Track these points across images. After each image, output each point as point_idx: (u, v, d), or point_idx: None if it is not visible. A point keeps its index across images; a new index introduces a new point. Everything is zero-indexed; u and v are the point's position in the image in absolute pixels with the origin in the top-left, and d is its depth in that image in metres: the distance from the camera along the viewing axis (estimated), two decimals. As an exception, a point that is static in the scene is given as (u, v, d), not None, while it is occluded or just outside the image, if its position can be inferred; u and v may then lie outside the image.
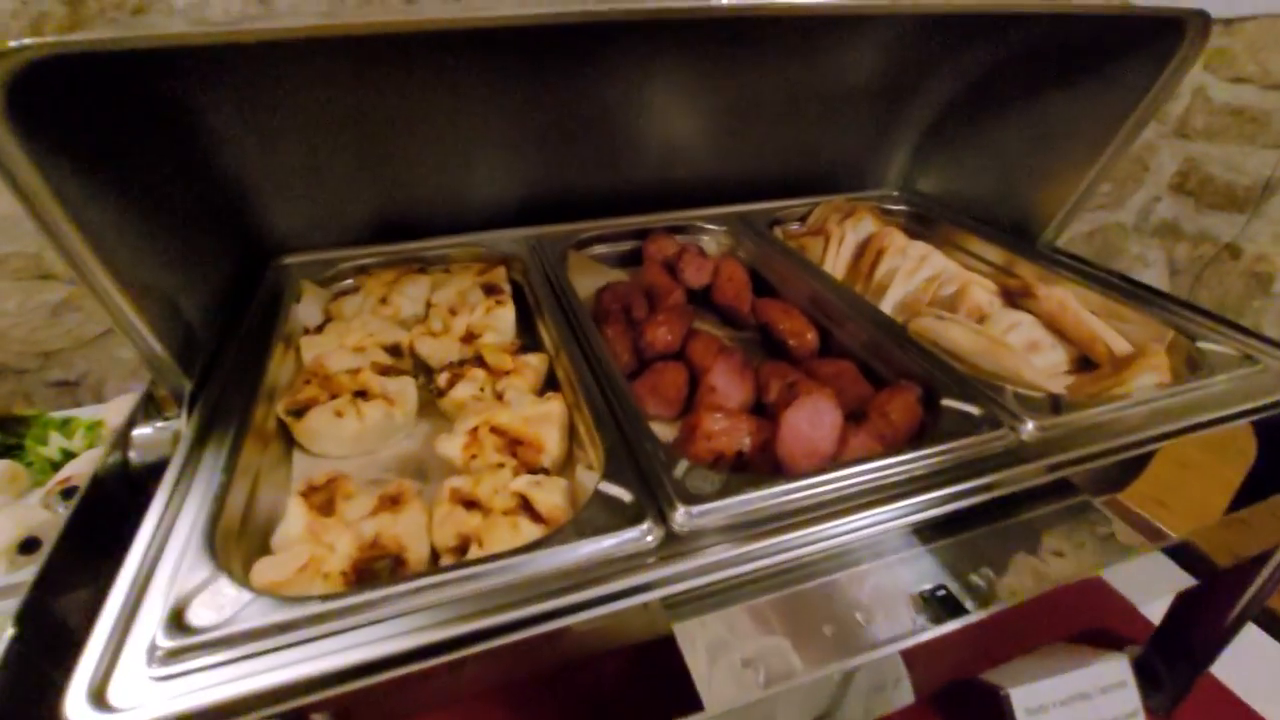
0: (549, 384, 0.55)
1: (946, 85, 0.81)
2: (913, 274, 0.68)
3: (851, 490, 0.39)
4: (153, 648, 0.29)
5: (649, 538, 0.36)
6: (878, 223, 0.76)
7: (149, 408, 0.50)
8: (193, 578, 0.32)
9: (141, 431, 0.46)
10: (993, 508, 0.41)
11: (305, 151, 0.66)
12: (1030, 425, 0.44)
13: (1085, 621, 0.77)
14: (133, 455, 0.46)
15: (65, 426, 0.98)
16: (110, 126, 0.46)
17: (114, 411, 1.02)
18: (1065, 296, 0.59)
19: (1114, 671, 0.65)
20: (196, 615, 0.30)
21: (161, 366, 0.47)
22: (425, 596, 0.32)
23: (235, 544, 0.37)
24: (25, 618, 0.33)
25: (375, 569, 0.36)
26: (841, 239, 0.72)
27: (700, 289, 0.69)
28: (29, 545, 0.82)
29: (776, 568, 0.36)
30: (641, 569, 0.34)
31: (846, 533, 0.37)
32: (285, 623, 0.30)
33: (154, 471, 0.45)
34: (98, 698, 0.28)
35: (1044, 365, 0.54)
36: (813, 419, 0.44)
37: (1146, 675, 0.68)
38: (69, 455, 0.93)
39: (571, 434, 0.48)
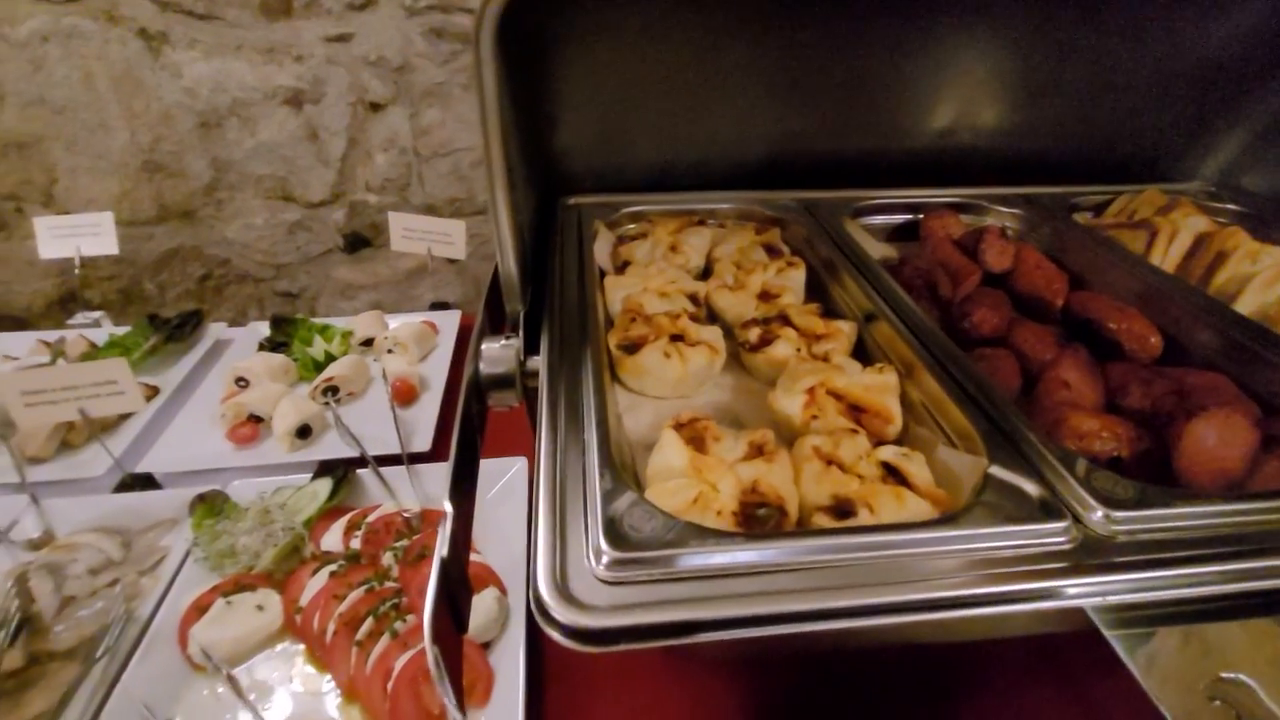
0: (857, 352, 0.53)
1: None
2: (1272, 284, 0.58)
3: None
4: (599, 552, 0.31)
5: (1064, 537, 0.33)
6: (1210, 221, 0.66)
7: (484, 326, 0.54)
8: (612, 495, 0.34)
9: (490, 346, 0.50)
10: None
11: (606, 101, 0.67)
12: None
13: None
14: (482, 366, 0.49)
15: (325, 332, 1.09)
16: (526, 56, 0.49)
17: (361, 325, 1.13)
18: None
19: None
20: (631, 531, 0.31)
21: (511, 286, 0.50)
22: (844, 555, 0.31)
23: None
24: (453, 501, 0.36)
25: (758, 515, 0.36)
26: (1173, 234, 0.63)
27: (1000, 273, 0.63)
28: (303, 431, 0.94)
29: (1219, 594, 0.32)
30: (1063, 572, 0.31)
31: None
32: (713, 556, 0.30)
33: (497, 382, 0.49)
34: (562, 590, 0.29)
35: None
36: (1225, 435, 0.38)
37: None
38: (330, 357, 1.05)
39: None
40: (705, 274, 0.64)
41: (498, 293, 0.53)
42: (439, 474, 0.84)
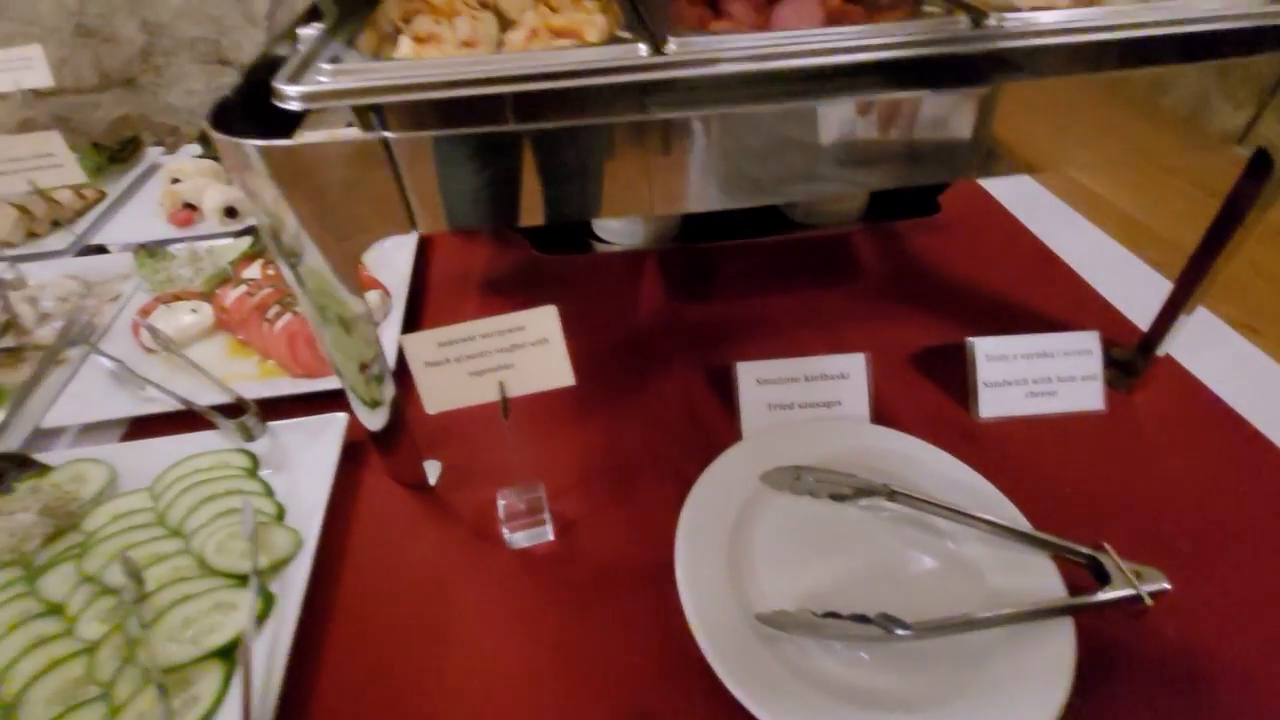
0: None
1: None
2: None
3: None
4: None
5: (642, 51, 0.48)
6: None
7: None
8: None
9: (305, 29, 0.64)
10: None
11: None
12: (994, 19, 0.50)
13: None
14: (299, 48, 0.64)
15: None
16: None
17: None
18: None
19: (1082, 340, 0.73)
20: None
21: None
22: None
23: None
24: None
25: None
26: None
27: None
28: (230, 212, 1.10)
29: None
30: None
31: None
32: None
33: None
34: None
35: None
36: (799, 12, 0.53)
37: (1113, 361, 0.75)
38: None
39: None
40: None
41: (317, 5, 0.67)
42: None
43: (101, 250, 1.04)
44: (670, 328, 0.86)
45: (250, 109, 0.50)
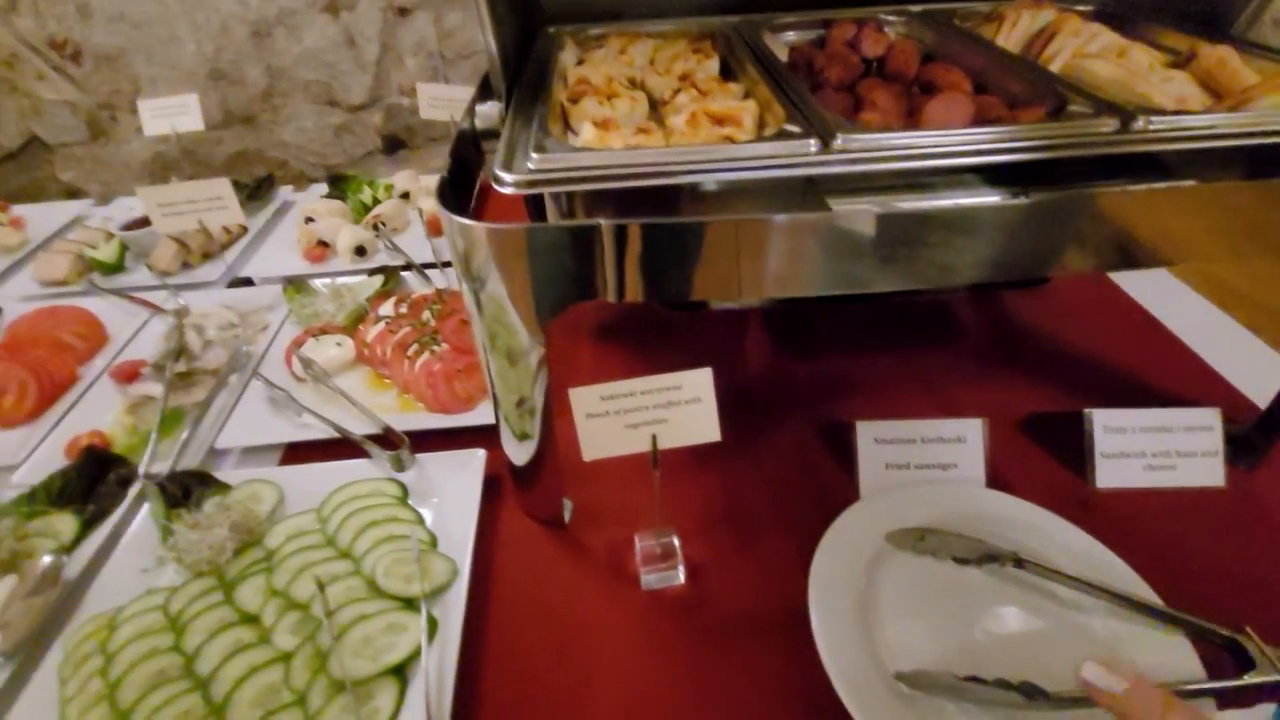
0: (743, 107, 0.73)
1: None
2: (1080, 49, 0.74)
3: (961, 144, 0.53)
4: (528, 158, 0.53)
5: (813, 147, 0.53)
6: (1059, 13, 0.81)
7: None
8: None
9: (481, 106, 0.72)
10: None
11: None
12: (1142, 121, 0.54)
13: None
14: (477, 122, 0.72)
15: (371, 184, 1.34)
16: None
17: (400, 180, 1.37)
18: (1228, 53, 0.64)
19: (1203, 416, 0.74)
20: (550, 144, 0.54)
21: (494, 67, 0.71)
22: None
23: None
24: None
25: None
26: (1016, 21, 0.80)
27: (874, 59, 0.81)
28: (360, 251, 1.19)
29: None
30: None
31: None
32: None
33: (486, 134, 0.71)
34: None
35: (1179, 93, 0.61)
36: (950, 109, 0.57)
37: (1231, 438, 0.75)
38: (376, 201, 1.30)
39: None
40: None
41: (488, 83, 0.75)
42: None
43: (248, 282, 1.14)
44: (779, 383, 0.90)
45: (459, 185, 0.58)
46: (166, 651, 0.58)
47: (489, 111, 0.71)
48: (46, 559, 0.65)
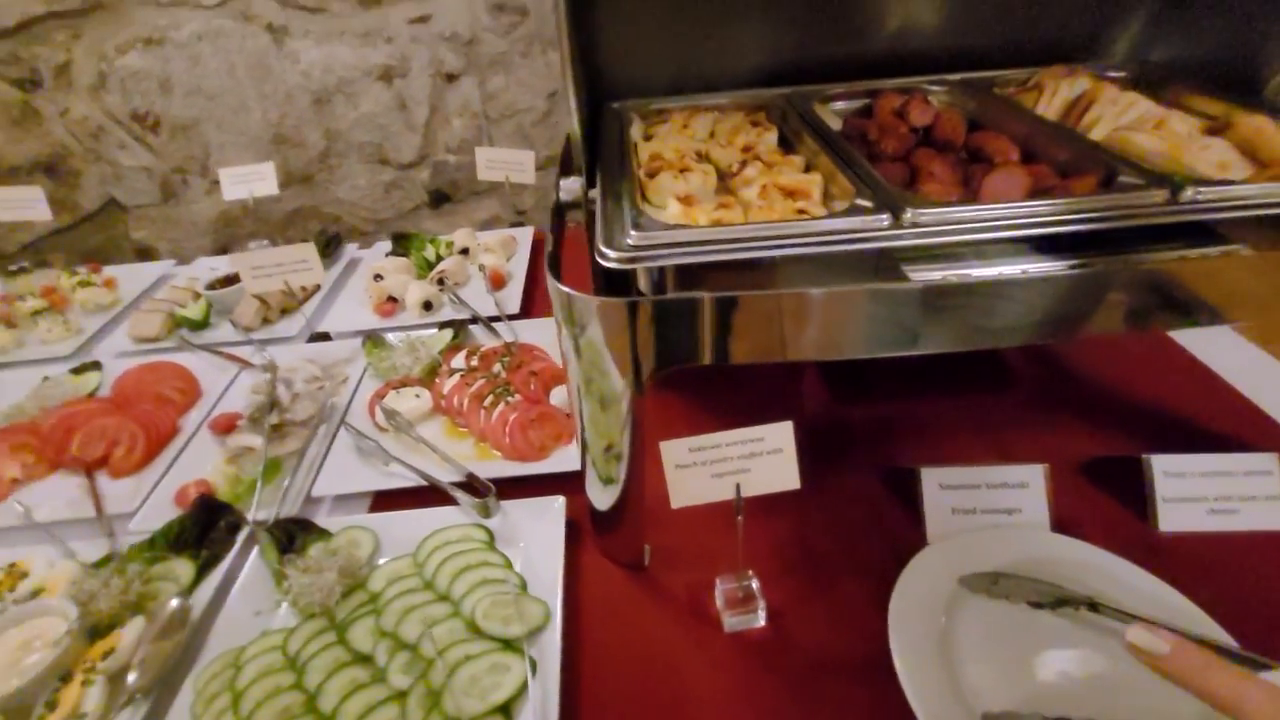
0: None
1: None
2: (1118, 117, 0.80)
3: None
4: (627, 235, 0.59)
5: (884, 221, 0.59)
6: (1094, 81, 0.87)
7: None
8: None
9: (565, 181, 0.79)
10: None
11: (641, 32, 0.95)
12: (1191, 191, 0.58)
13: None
14: (562, 195, 0.79)
15: (433, 241, 1.42)
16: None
17: (459, 237, 1.45)
18: (1264, 122, 0.69)
19: (1262, 461, 0.76)
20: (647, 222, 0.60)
21: (576, 144, 0.78)
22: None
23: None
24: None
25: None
26: (1055, 91, 0.85)
27: (922, 128, 0.87)
28: (427, 305, 1.27)
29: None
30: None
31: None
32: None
33: (571, 205, 0.78)
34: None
35: (1219, 159, 0.66)
36: (1009, 182, 0.63)
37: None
38: (439, 257, 1.38)
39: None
40: (711, 150, 0.91)
41: (569, 156, 0.82)
42: (525, 325, 1.16)
43: (325, 336, 1.22)
44: (839, 428, 0.94)
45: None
46: (289, 689, 0.62)
47: (572, 186, 0.78)
48: (174, 602, 0.70)
